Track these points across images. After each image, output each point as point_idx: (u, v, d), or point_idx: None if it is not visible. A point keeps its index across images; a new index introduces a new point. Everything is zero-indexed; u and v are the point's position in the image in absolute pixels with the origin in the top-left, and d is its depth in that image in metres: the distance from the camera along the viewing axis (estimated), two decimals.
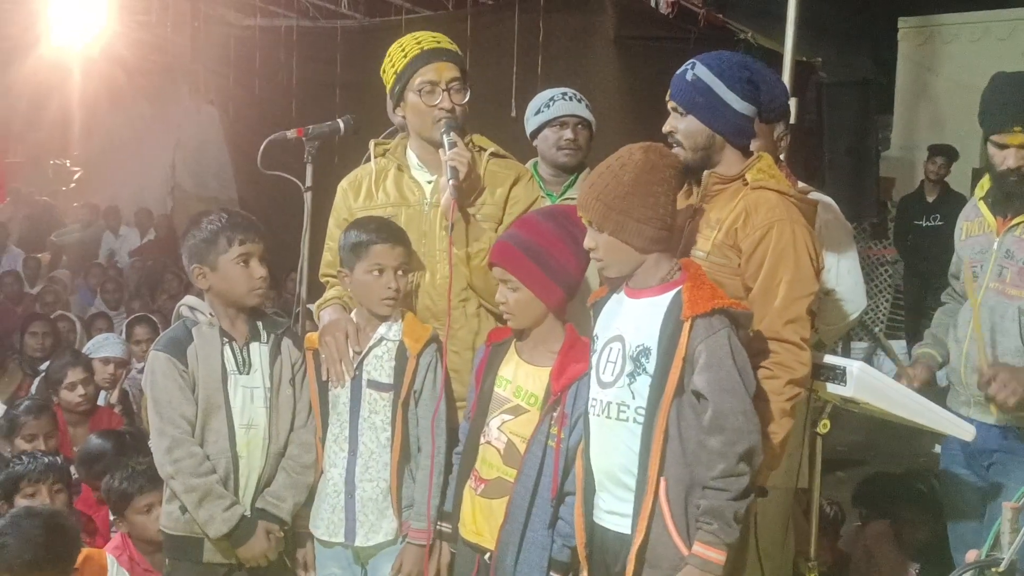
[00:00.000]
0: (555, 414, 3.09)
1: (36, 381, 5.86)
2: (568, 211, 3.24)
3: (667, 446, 2.74)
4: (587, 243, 2.93)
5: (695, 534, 2.72)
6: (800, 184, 3.93)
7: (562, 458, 3.07)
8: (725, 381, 2.69)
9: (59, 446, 4.92)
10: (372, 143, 3.71)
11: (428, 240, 3.51)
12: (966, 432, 3.28)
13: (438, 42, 3.52)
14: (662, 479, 2.75)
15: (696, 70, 3.09)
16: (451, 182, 3.32)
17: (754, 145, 3.23)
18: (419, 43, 3.51)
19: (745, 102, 3.06)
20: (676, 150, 3.07)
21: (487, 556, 3.17)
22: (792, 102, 4.50)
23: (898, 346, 10.26)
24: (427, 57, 3.48)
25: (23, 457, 4.21)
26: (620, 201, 2.79)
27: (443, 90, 3.46)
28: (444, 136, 3.41)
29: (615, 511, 2.89)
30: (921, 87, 12.79)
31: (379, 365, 3.38)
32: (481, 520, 3.22)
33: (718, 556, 2.69)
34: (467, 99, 3.49)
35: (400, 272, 3.36)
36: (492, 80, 8.40)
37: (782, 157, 4.10)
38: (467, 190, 3.37)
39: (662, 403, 2.73)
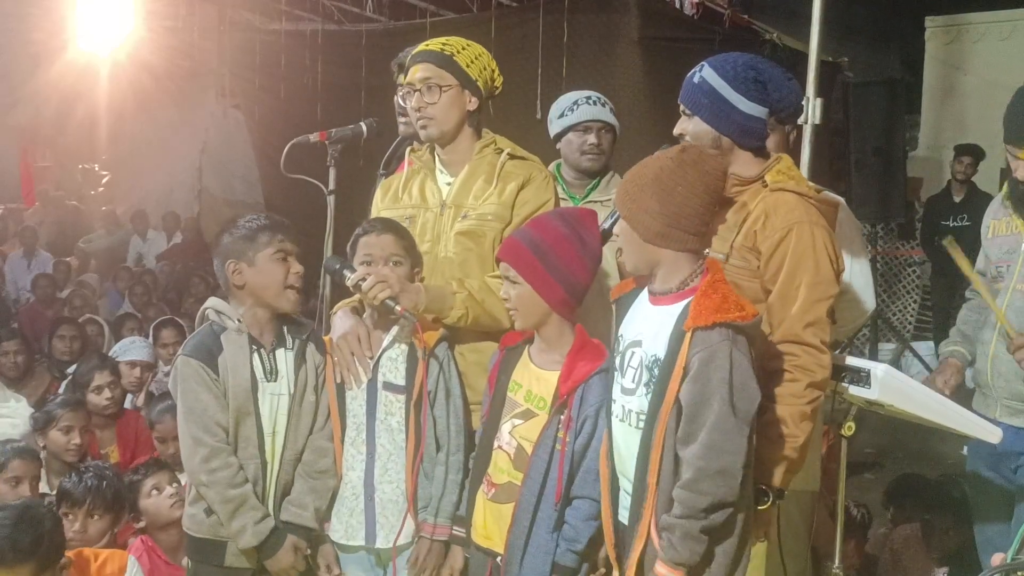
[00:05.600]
0: (562, 417, 3.07)
1: (63, 384, 5.90)
2: (580, 214, 3.24)
3: (663, 456, 2.70)
4: (615, 230, 2.96)
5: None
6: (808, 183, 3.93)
7: (567, 462, 3.05)
8: (706, 395, 2.62)
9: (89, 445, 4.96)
10: (408, 148, 3.74)
11: (440, 243, 3.51)
12: (992, 434, 3.24)
13: (426, 46, 3.53)
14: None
15: (703, 72, 3.09)
16: (404, 313, 3.26)
17: (768, 144, 3.21)
18: (412, 52, 3.56)
19: (753, 103, 3.03)
20: None
21: (498, 559, 3.16)
22: (818, 102, 4.48)
23: (926, 347, 10.21)
24: (409, 62, 3.54)
25: (72, 475, 4.16)
26: (638, 190, 2.78)
27: (416, 91, 3.48)
28: (344, 279, 3.40)
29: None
30: (949, 86, 12.72)
31: (394, 367, 3.38)
32: (491, 524, 3.21)
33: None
34: (442, 97, 3.45)
35: (393, 263, 3.34)
36: (517, 82, 8.41)
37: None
38: (407, 293, 3.29)
39: (660, 413, 2.69)
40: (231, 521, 3.23)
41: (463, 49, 3.50)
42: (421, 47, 3.54)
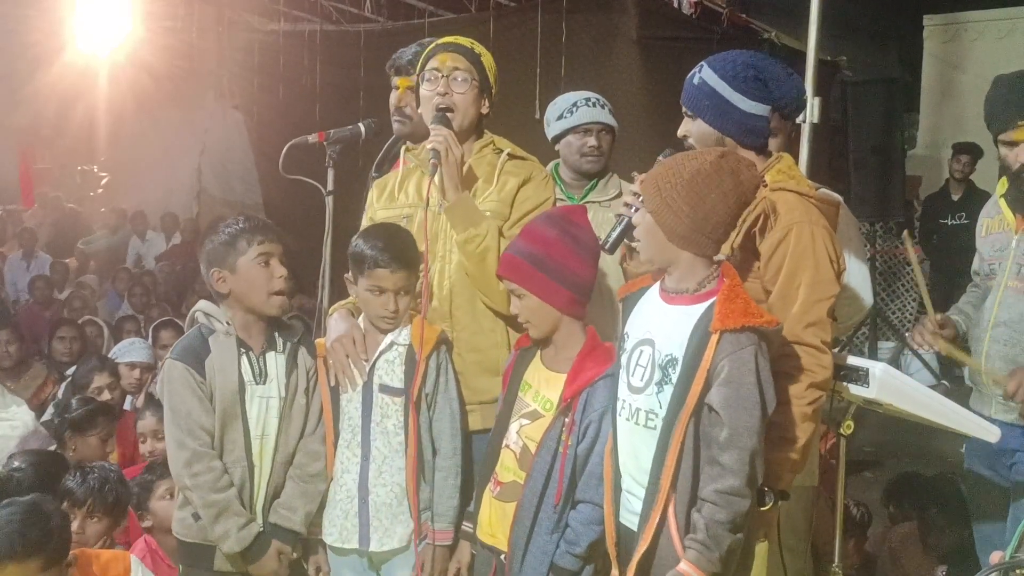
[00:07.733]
0: (566, 420, 3.07)
1: (63, 386, 5.90)
2: (570, 213, 3.25)
3: (682, 458, 2.70)
4: (634, 219, 2.90)
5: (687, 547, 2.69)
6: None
7: (568, 465, 3.06)
8: (743, 399, 2.63)
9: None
10: (403, 147, 3.73)
11: (439, 242, 3.48)
12: (990, 433, 3.24)
13: (455, 39, 3.54)
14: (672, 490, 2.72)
15: (702, 73, 3.08)
16: (431, 161, 3.31)
17: (771, 143, 3.20)
18: (439, 41, 3.56)
19: (754, 101, 3.02)
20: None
21: (503, 556, 3.17)
22: (816, 101, 4.49)
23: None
24: (436, 49, 3.51)
25: (77, 474, 4.13)
26: (669, 188, 2.73)
27: (443, 76, 3.46)
28: (431, 126, 3.42)
29: (639, 513, 2.87)
30: (947, 85, 12.73)
31: (390, 370, 3.37)
32: (496, 522, 3.22)
33: None
34: (468, 91, 3.46)
35: (401, 293, 3.33)
36: (515, 81, 8.42)
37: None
38: (452, 168, 3.33)
39: (681, 415, 2.68)
40: (214, 525, 3.23)
41: (486, 54, 3.54)
42: (449, 39, 3.54)
